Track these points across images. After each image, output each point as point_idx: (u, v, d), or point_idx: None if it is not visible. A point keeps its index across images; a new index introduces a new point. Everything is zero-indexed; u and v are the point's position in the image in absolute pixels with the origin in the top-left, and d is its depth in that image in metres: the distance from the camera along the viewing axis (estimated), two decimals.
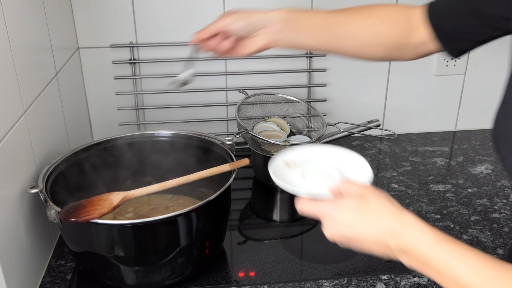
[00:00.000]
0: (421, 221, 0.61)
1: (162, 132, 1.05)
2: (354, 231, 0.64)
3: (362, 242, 0.64)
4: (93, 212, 0.78)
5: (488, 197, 1.14)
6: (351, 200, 0.65)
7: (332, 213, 0.65)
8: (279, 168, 0.78)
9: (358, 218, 0.64)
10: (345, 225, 0.64)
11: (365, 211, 0.64)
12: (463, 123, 1.48)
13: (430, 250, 0.59)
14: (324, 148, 0.84)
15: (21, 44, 0.85)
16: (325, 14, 0.82)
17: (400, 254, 0.62)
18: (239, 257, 0.96)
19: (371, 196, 0.65)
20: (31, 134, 0.87)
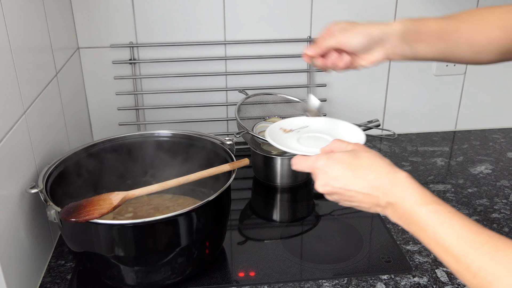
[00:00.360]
0: (412, 179, 0.63)
1: (162, 132, 1.05)
2: (345, 184, 0.65)
3: (352, 195, 0.66)
4: (93, 212, 0.78)
5: (488, 197, 1.14)
6: (343, 154, 0.67)
7: (324, 167, 0.67)
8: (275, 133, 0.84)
9: (350, 171, 0.65)
10: (337, 178, 0.66)
11: (357, 165, 0.66)
12: (463, 123, 1.48)
13: (416, 207, 0.60)
14: (320, 118, 0.88)
15: (21, 44, 0.85)
16: (439, 22, 0.82)
17: (387, 207, 0.63)
18: (239, 257, 0.96)
19: (363, 151, 0.67)
20: (31, 134, 0.87)
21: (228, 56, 1.30)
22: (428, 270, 0.91)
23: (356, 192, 0.65)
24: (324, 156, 0.68)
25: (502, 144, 1.40)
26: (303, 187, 1.20)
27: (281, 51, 1.31)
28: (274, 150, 1.19)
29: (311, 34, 1.31)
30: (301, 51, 1.32)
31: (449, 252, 0.56)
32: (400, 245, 0.98)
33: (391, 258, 0.94)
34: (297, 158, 0.72)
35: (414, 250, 0.96)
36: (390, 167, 0.65)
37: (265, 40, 1.29)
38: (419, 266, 0.92)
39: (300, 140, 0.83)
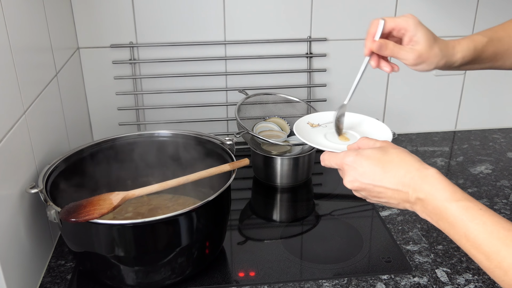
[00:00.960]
0: (442, 176, 0.63)
1: (162, 132, 1.05)
2: (374, 180, 0.65)
3: (381, 191, 0.66)
4: (93, 212, 0.78)
5: (488, 197, 1.14)
6: (372, 150, 0.67)
7: (353, 163, 0.67)
8: (303, 128, 0.84)
9: (379, 167, 0.65)
10: (366, 174, 0.66)
11: (386, 161, 0.66)
12: (463, 123, 1.48)
13: (447, 203, 0.60)
14: (348, 114, 0.87)
15: (21, 44, 0.85)
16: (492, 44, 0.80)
17: (416, 203, 0.63)
18: (239, 257, 0.96)
19: (391, 148, 0.67)
20: (31, 134, 0.87)
21: (228, 56, 1.30)
22: (428, 270, 0.91)
23: (385, 188, 0.65)
24: (353, 153, 0.68)
25: (502, 144, 1.40)
26: (303, 187, 1.20)
27: (281, 51, 1.31)
28: (274, 150, 1.19)
29: (311, 34, 1.31)
30: (302, 51, 1.32)
31: (480, 249, 0.56)
32: (400, 245, 0.98)
33: (391, 258, 0.94)
34: (325, 154, 0.72)
35: (414, 250, 0.96)
36: (420, 164, 0.65)
37: (265, 40, 1.29)
38: (419, 266, 0.92)
39: (327, 135, 0.83)
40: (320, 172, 1.27)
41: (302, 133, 0.82)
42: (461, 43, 0.78)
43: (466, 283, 0.87)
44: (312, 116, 0.89)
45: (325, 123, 0.87)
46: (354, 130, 0.85)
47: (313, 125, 0.87)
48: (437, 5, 1.32)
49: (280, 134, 1.22)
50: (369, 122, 0.88)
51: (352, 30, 1.32)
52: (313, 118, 0.88)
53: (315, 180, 1.24)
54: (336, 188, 1.19)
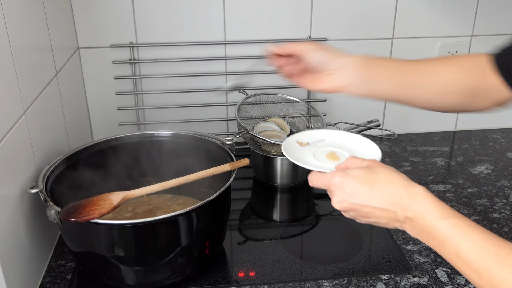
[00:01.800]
0: (430, 193, 0.63)
1: (162, 132, 1.05)
2: (362, 200, 0.65)
3: (370, 211, 0.65)
4: (93, 212, 0.78)
5: (488, 197, 1.14)
6: (359, 170, 0.67)
7: (340, 183, 0.67)
8: (291, 147, 0.84)
9: (367, 187, 0.65)
10: (354, 194, 0.65)
11: (373, 180, 0.65)
12: (463, 123, 1.48)
13: (435, 221, 0.60)
14: (335, 132, 0.89)
15: (21, 44, 0.85)
16: (400, 62, 0.81)
17: (405, 222, 0.63)
18: (239, 257, 0.96)
19: (379, 167, 0.67)
20: (31, 134, 0.87)
21: (228, 56, 1.30)
22: (428, 270, 0.91)
23: (373, 207, 0.65)
24: (340, 173, 0.68)
25: (502, 144, 1.40)
26: (303, 187, 1.20)
27: None
28: (274, 150, 1.19)
29: (311, 34, 1.31)
30: None
31: (471, 267, 0.55)
32: (400, 245, 0.98)
33: (391, 258, 0.94)
34: (313, 175, 0.72)
35: (414, 250, 0.96)
36: (407, 182, 0.65)
37: (265, 40, 1.29)
38: (419, 266, 0.92)
39: (316, 154, 0.83)
40: None
41: (290, 153, 0.82)
42: None
43: (466, 283, 0.87)
44: (301, 134, 0.89)
45: (314, 141, 0.87)
46: (343, 149, 0.85)
47: (302, 144, 0.86)
48: (437, 5, 1.32)
49: (280, 134, 1.22)
50: (358, 140, 0.88)
51: (352, 30, 1.32)
52: (302, 137, 0.89)
53: None
54: None
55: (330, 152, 0.84)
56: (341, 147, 0.85)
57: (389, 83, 0.80)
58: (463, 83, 0.77)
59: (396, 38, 1.34)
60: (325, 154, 0.84)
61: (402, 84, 0.80)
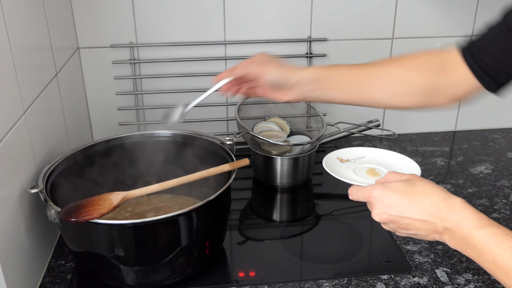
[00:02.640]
0: (468, 204, 0.64)
1: (162, 132, 1.05)
2: (401, 212, 0.66)
3: (409, 222, 0.66)
4: (93, 212, 0.78)
5: (488, 197, 1.14)
6: (399, 183, 0.69)
7: (380, 196, 0.68)
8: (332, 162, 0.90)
9: (406, 199, 0.66)
10: (393, 206, 0.67)
11: (412, 193, 0.67)
12: (463, 123, 1.48)
13: (473, 231, 0.61)
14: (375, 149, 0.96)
15: (21, 44, 0.85)
16: (354, 68, 0.84)
17: (444, 233, 0.64)
18: (239, 257, 0.96)
19: (418, 180, 0.69)
20: (31, 134, 0.87)
21: (228, 56, 1.30)
22: (428, 270, 0.91)
23: (413, 219, 0.66)
24: (380, 186, 0.70)
25: (502, 144, 1.40)
26: (303, 187, 1.20)
27: (281, 51, 1.31)
28: (274, 150, 1.19)
29: (311, 34, 1.31)
30: (302, 51, 1.32)
31: (510, 275, 0.56)
32: (400, 245, 0.98)
33: (391, 258, 0.94)
34: (353, 188, 0.74)
35: (414, 250, 0.96)
36: (446, 194, 0.66)
37: (265, 40, 1.29)
38: (419, 266, 0.92)
39: (356, 170, 0.89)
40: (320, 172, 1.27)
41: (331, 168, 0.87)
42: None
43: (466, 283, 0.87)
44: (341, 151, 0.96)
45: (354, 158, 0.94)
46: (383, 166, 0.89)
47: (342, 160, 0.92)
48: (437, 5, 1.32)
49: (280, 134, 1.22)
50: (397, 157, 0.93)
51: (352, 30, 1.32)
52: (342, 153, 0.95)
53: (315, 180, 1.24)
54: (336, 188, 1.19)
55: (370, 168, 0.89)
56: (380, 164, 0.90)
57: (342, 93, 0.84)
58: (418, 83, 0.79)
59: (396, 38, 1.34)
60: (365, 170, 0.89)
61: (355, 92, 0.83)
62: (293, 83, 0.84)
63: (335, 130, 1.27)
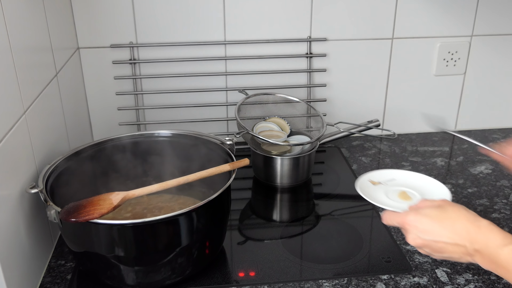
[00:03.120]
0: (494, 225, 0.67)
1: (162, 132, 1.05)
2: (434, 236, 0.70)
3: (442, 246, 0.70)
4: (93, 212, 0.78)
5: (488, 197, 1.14)
6: (431, 209, 0.72)
7: (414, 221, 0.72)
8: (365, 185, 0.95)
9: (438, 224, 0.70)
10: (426, 232, 0.71)
11: (444, 218, 0.71)
12: (463, 123, 1.48)
13: (499, 249, 0.63)
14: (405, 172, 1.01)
15: (21, 44, 0.85)
16: None
17: (475, 255, 0.67)
18: (239, 257, 0.96)
19: (448, 205, 0.73)
20: (31, 134, 0.87)
21: (228, 56, 1.30)
22: (428, 270, 0.91)
23: (445, 243, 0.69)
24: (413, 212, 0.73)
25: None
26: (303, 187, 1.20)
27: (281, 51, 1.31)
28: (274, 150, 1.19)
29: (311, 34, 1.31)
30: (302, 51, 1.32)
31: None
32: (400, 245, 0.98)
33: (391, 258, 0.94)
34: (387, 213, 0.78)
35: (414, 250, 0.96)
36: (474, 217, 0.69)
37: (265, 40, 1.30)
38: (419, 266, 0.92)
39: (388, 194, 0.93)
40: (320, 172, 1.27)
41: (364, 192, 0.92)
42: None
43: (466, 283, 0.87)
44: (373, 173, 1.00)
45: (385, 180, 0.97)
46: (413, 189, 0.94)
47: (374, 183, 0.96)
48: (437, 5, 1.32)
49: (280, 134, 1.22)
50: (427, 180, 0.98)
51: (352, 30, 1.32)
52: (374, 176, 0.99)
53: (315, 180, 1.24)
54: (336, 188, 1.19)
55: (402, 191, 0.94)
56: (411, 186, 0.94)
57: None
58: None
59: (396, 38, 1.34)
60: (397, 193, 0.93)
61: None
62: None
63: (335, 130, 1.27)
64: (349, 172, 1.25)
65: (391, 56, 1.36)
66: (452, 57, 1.38)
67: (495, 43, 1.39)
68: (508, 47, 1.40)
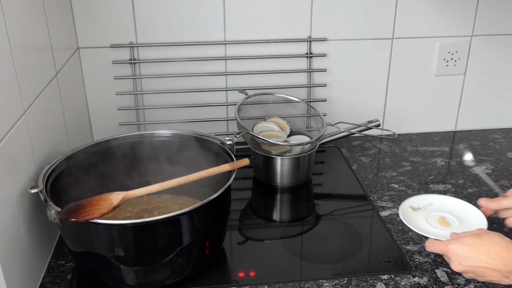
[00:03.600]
0: None
1: (162, 132, 1.05)
2: (473, 263, 0.78)
3: (482, 270, 0.78)
4: (93, 212, 0.78)
5: (488, 197, 1.14)
6: (470, 237, 0.81)
7: (455, 250, 0.81)
8: (406, 211, 1.01)
9: (476, 251, 0.79)
10: (466, 259, 0.79)
11: (481, 245, 0.79)
12: (463, 123, 1.48)
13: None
14: (442, 197, 1.08)
15: (21, 44, 0.85)
16: None
17: (510, 277, 0.75)
18: (239, 257, 0.96)
19: (484, 233, 0.81)
20: (31, 134, 0.87)
21: (228, 56, 1.30)
22: (428, 270, 0.91)
23: (484, 268, 0.77)
24: (454, 241, 0.82)
25: (502, 144, 1.40)
26: (303, 187, 1.20)
27: (281, 51, 1.31)
28: (274, 150, 1.19)
29: (311, 34, 1.31)
30: (302, 51, 1.32)
31: None
32: (400, 245, 0.98)
33: (391, 258, 0.94)
34: (430, 242, 0.86)
35: (414, 250, 0.96)
36: (506, 243, 0.77)
37: (265, 40, 1.30)
38: (419, 266, 0.92)
39: (428, 219, 1.00)
40: (320, 172, 1.27)
41: (406, 218, 0.98)
42: None
43: (466, 283, 0.87)
44: (413, 199, 1.05)
45: (424, 206, 1.03)
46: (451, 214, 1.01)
47: (414, 209, 1.03)
48: (437, 5, 1.32)
49: (280, 134, 1.22)
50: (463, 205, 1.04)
51: (352, 30, 1.32)
52: (414, 202, 1.04)
53: (315, 180, 1.24)
54: (336, 188, 1.20)
55: (441, 217, 1.00)
56: (449, 211, 1.02)
57: None
58: None
59: (396, 38, 1.34)
60: (437, 219, 1.00)
61: None
62: None
63: (335, 130, 1.27)
64: (349, 172, 1.25)
65: (391, 56, 1.36)
66: (452, 57, 1.38)
67: (495, 43, 1.39)
68: (508, 47, 1.40)
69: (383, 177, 1.23)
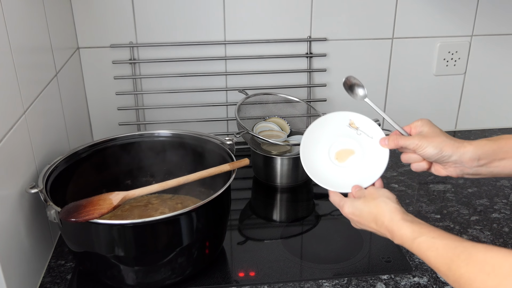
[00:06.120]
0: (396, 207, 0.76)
1: (162, 132, 1.05)
2: (364, 226, 0.81)
3: (375, 232, 0.80)
4: (93, 212, 0.78)
5: (488, 197, 1.14)
6: (360, 202, 0.82)
7: (349, 214, 0.83)
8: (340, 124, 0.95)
9: (364, 218, 0.81)
10: (359, 222, 0.82)
11: (367, 212, 0.80)
12: (463, 123, 1.48)
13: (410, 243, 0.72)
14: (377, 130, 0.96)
15: (21, 44, 0.85)
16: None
17: (386, 232, 0.77)
18: (239, 257, 0.96)
19: (373, 198, 0.81)
20: (31, 134, 0.87)
21: (228, 56, 1.30)
22: (428, 270, 0.91)
23: (375, 231, 0.79)
24: (348, 203, 0.84)
25: None
26: (303, 187, 1.20)
27: (281, 51, 1.31)
28: (274, 150, 1.19)
29: (311, 34, 1.31)
30: (302, 51, 1.32)
31: (440, 271, 0.64)
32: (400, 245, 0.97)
33: (391, 258, 0.94)
34: (331, 194, 0.88)
35: None
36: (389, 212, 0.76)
37: (265, 40, 1.29)
38: (419, 266, 0.92)
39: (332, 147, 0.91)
40: None
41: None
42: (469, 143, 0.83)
43: None
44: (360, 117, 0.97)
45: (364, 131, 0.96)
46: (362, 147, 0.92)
47: (353, 126, 0.96)
48: (437, 5, 1.32)
49: (280, 134, 1.22)
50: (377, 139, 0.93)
51: (352, 30, 1.32)
52: (358, 119, 0.97)
53: None
54: None
55: (342, 150, 0.91)
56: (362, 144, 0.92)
57: (505, 165, 0.81)
58: None
59: (396, 38, 1.34)
60: (337, 151, 0.91)
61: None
62: (452, 160, 0.82)
63: None
64: None
65: (391, 56, 1.36)
66: (452, 57, 1.38)
67: (495, 43, 1.39)
68: (508, 47, 1.40)
69: (383, 177, 1.22)
